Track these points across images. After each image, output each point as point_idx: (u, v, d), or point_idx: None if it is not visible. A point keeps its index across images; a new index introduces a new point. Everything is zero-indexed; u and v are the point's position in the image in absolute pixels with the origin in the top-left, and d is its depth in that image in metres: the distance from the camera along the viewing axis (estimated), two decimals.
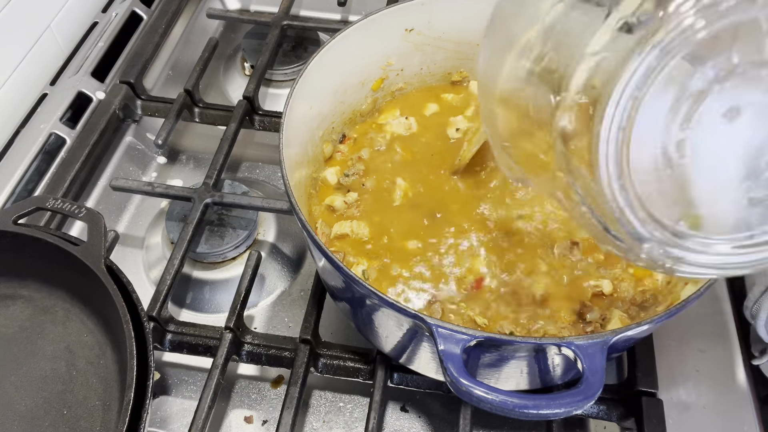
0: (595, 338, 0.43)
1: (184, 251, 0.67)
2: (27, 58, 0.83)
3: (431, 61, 0.71)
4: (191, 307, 0.71)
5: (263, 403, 0.64)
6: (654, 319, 0.45)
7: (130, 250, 0.76)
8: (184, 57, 0.97)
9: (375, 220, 0.62)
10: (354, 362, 0.63)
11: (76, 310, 0.61)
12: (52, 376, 0.57)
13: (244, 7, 1.05)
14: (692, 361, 0.66)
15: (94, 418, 0.55)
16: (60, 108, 0.81)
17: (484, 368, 0.50)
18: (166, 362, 0.67)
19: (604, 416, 0.60)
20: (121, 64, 0.88)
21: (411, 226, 0.61)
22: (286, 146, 0.54)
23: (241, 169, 0.84)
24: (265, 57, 0.86)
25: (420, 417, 0.63)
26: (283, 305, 0.71)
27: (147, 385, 0.52)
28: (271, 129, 0.83)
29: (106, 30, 0.90)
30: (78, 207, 0.60)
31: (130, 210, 0.80)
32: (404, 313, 0.45)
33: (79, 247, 0.57)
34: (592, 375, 0.42)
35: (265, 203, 0.71)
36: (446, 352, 0.43)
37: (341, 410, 0.64)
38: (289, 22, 0.91)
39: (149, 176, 0.84)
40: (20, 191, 0.74)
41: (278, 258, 0.74)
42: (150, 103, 0.85)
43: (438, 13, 0.67)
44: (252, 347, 0.64)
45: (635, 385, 0.60)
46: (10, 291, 0.62)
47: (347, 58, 0.64)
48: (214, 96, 0.92)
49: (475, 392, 0.42)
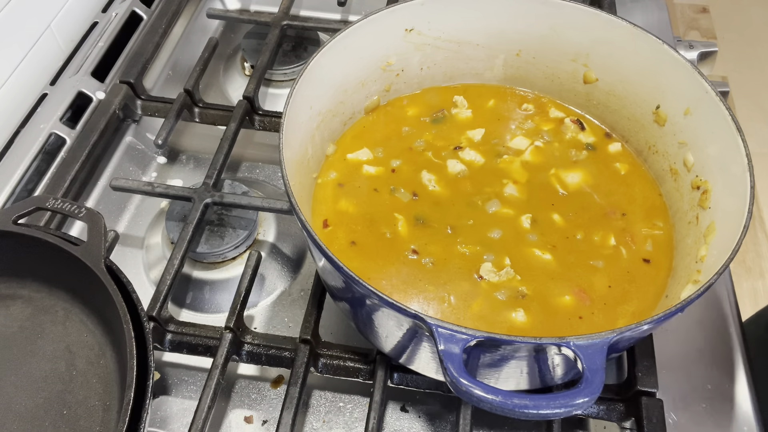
0: (595, 338, 0.43)
1: (184, 251, 0.67)
2: (27, 58, 0.82)
3: (431, 61, 0.71)
4: (191, 307, 0.71)
5: (263, 403, 0.64)
6: (654, 319, 0.45)
7: (130, 250, 0.76)
8: (184, 57, 0.97)
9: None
10: (354, 362, 0.63)
11: (76, 310, 0.61)
12: (52, 376, 0.57)
13: (244, 7, 1.05)
14: (692, 361, 0.66)
15: (94, 418, 0.55)
16: (60, 108, 0.81)
17: (484, 368, 0.50)
18: (166, 362, 0.67)
19: (604, 416, 0.60)
20: (121, 64, 0.88)
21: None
22: (286, 146, 0.54)
23: (241, 169, 0.84)
24: (265, 57, 0.86)
25: (420, 417, 0.63)
26: (283, 305, 0.71)
27: (147, 385, 0.52)
28: (271, 129, 0.83)
29: (106, 30, 0.90)
30: (78, 207, 0.60)
31: (130, 210, 0.80)
32: (404, 313, 0.45)
33: (79, 247, 0.57)
34: (592, 375, 0.42)
35: (265, 203, 0.71)
36: (446, 352, 0.43)
37: (341, 410, 0.64)
38: (289, 22, 0.91)
39: (149, 176, 0.84)
40: (20, 191, 0.74)
41: (278, 258, 0.74)
42: (150, 103, 0.85)
43: (438, 13, 0.67)
44: (252, 347, 0.64)
45: (635, 385, 0.60)
46: (10, 291, 0.62)
47: (347, 58, 0.64)
48: (214, 96, 0.92)
49: (475, 392, 0.42)
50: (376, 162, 0.67)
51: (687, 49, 0.96)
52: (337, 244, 0.61)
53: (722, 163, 0.57)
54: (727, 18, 2.62)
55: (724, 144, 0.56)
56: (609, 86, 0.68)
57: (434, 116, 0.71)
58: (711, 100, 0.58)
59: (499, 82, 0.74)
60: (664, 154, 0.64)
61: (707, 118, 0.59)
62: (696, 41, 0.98)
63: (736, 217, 0.52)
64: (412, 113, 0.71)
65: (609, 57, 0.66)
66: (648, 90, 0.65)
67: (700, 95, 0.59)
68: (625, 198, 0.64)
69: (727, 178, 0.56)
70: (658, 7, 1.00)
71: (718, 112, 0.57)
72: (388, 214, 0.63)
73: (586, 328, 0.56)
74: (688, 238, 0.59)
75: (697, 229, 0.58)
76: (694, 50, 0.96)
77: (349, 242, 0.60)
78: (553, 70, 0.71)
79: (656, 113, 0.65)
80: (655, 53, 0.62)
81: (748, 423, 0.62)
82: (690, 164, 0.61)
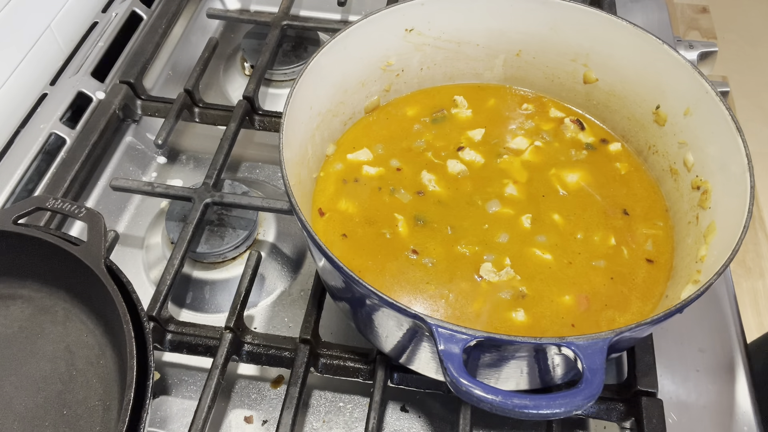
0: (595, 338, 0.43)
1: (184, 251, 0.67)
2: (27, 58, 0.82)
3: (431, 61, 0.71)
4: (191, 307, 0.71)
5: (263, 403, 0.64)
6: (654, 319, 0.45)
7: (130, 250, 0.76)
8: (184, 57, 0.97)
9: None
10: (354, 362, 0.63)
11: (76, 310, 0.61)
12: (52, 376, 0.57)
13: (244, 7, 1.05)
14: (692, 361, 0.66)
15: (94, 418, 0.55)
16: (60, 108, 0.81)
17: (484, 368, 0.50)
18: (166, 362, 0.67)
19: (604, 416, 0.60)
20: (121, 64, 0.88)
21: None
22: (286, 146, 0.54)
23: (241, 169, 0.84)
24: (265, 57, 0.86)
25: (420, 417, 0.63)
26: (283, 305, 0.71)
27: (147, 385, 0.52)
28: (271, 129, 0.83)
29: (106, 30, 0.90)
30: (78, 207, 0.60)
31: (130, 210, 0.80)
32: (404, 313, 0.45)
33: (79, 247, 0.57)
34: (592, 375, 0.42)
35: (265, 203, 0.71)
36: (446, 352, 0.43)
37: (341, 410, 0.64)
38: (289, 22, 0.91)
39: (149, 176, 0.84)
40: (20, 191, 0.74)
41: (278, 258, 0.74)
42: (150, 103, 0.85)
43: (438, 13, 0.67)
44: (252, 347, 0.64)
45: (635, 385, 0.60)
46: (10, 291, 0.62)
47: (347, 58, 0.64)
48: (214, 96, 0.92)
49: (475, 392, 0.42)
50: (376, 162, 0.67)
51: (687, 49, 0.96)
52: (333, 235, 0.61)
53: (722, 163, 0.57)
54: (727, 18, 2.62)
55: (724, 144, 0.56)
56: (609, 86, 0.68)
57: (434, 116, 0.71)
58: (711, 100, 0.58)
59: (499, 82, 0.74)
60: (664, 154, 0.64)
61: (707, 118, 0.59)
62: (696, 41, 0.98)
63: (736, 217, 0.52)
64: (412, 113, 0.71)
65: (609, 57, 0.66)
66: (648, 90, 0.65)
67: (700, 95, 0.59)
68: (625, 198, 0.64)
69: (727, 178, 0.56)
70: (658, 7, 1.00)
71: (718, 112, 0.57)
72: (388, 214, 0.63)
73: (586, 328, 0.56)
74: (688, 238, 0.59)
75: (697, 229, 0.58)
76: (694, 50, 0.96)
77: (341, 235, 0.61)
78: (553, 70, 0.71)
79: (656, 113, 0.65)
80: (655, 53, 0.62)
81: (748, 423, 0.62)
82: (690, 164, 0.61)
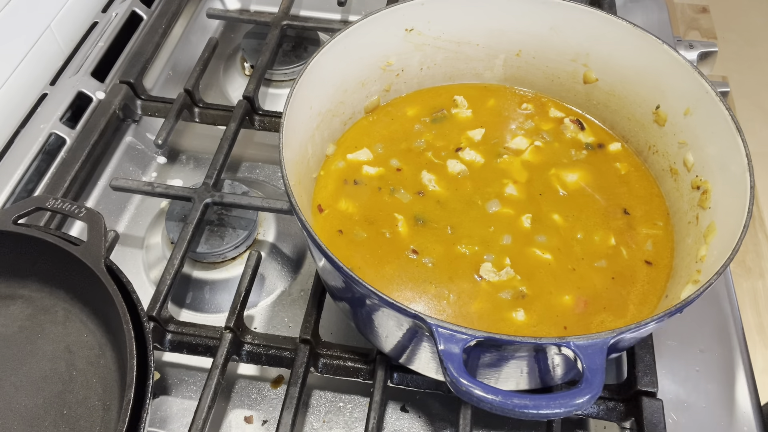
0: (595, 338, 0.43)
1: (184, 251, 0.67)
2: (27, 58, 0.82)
3: (431, 61, 0.71)
4: (191, 307, 0.71)
5: (263, 403, 0.64)
6: (654, 319, 0.45)
7: (130, 250, 0.76)
8: (184, 57, 0.97)
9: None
10: (354, 362, 0.63)
11: (76, 310, 0.61)
12: (52, 376, 0.57)
13: (244, 7, 1.05)
14: (692, 361, 0.66)
15: (94, 418, 0.55)
16: (60, 108, 0.81)
17: (484, 368, 0.50)
18: (166, 362, 0.67)
19: (604, 416, 0.60)
20: (121, 64, 0.88)
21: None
22: (286, 146, 0.54)
23: (241, 169, 0.84)
24: (265, 57, 0.86)
25: (420, 417, 0.63)
26: (283, 305, 0.71)
27: (147, 385, 0.52)
28: (271, 129, 0.83)
29: (106, 30, 0.90)
30: (78, 207, 0.60)
31: (130, 210, 0.80)
32: (404, 313, 0.45)
33: (79, 247, 0.57)
34: (592, 375, 0.42)
35: (265, 203, 0.71)
36: (446, 352, 0.43)
37: (341, 410, 0.64)
38: (289, 22, 0.91)
39: (149, 176, 0.84)
40: (20, 191, 0.74)
41: (278, 258, 0.74)
42: (150, 103, 0.85)
43: (438, 13, 0.67)
44: (252, 347, 0.64)
45: (635, 385, 0.60)
46: (10, 291, 0.62)
47: (347, 58, 0.64)
48: (214, 96, 0.92)
49: (475, 392, 0.42)
50: (376, 162, 0.67)
51: (687, 49, 0.96)
52: (331, 232, 0.61)
53: (722, 163, 0.57)
54: (727, 18, 2.62)
55: (724, 144, 0.56)
56: (609, 86, 0.68)
57: (434, 116, 0.71)
58: (711, 100, 0.58)
59: (499, 82, 0.74)
60: (664, 154, 0.64)
61: (707, 118, 0.59)
62: (696, 41, 0.98)
63: (736, 217, 0.52)
64: (412, 113, 0.71)
65: (609, 57, 0.66)
66: (648, 90, 0.65)
67: (700, 95, 0.59)
68: (625, 198, 0.64)
69: (727, 178, 0.56)
70: (658, 7, 1.00)
71: (718, 112, 0.57)
72: (388, 214, 0.63)
73: (586, 328, 0.56)
74: (688, 238, 0.59)
75: (697, 229, 0.58)
76: (694, 50, 0.96)
77: (338, 231, 0.61)
78: (553, 70, 0.71)
79: (656, 113, 0.65)
80: (655, 53, 0.62)
81: (748, 423, 0.62)
82: (690, 164, 0.61)
